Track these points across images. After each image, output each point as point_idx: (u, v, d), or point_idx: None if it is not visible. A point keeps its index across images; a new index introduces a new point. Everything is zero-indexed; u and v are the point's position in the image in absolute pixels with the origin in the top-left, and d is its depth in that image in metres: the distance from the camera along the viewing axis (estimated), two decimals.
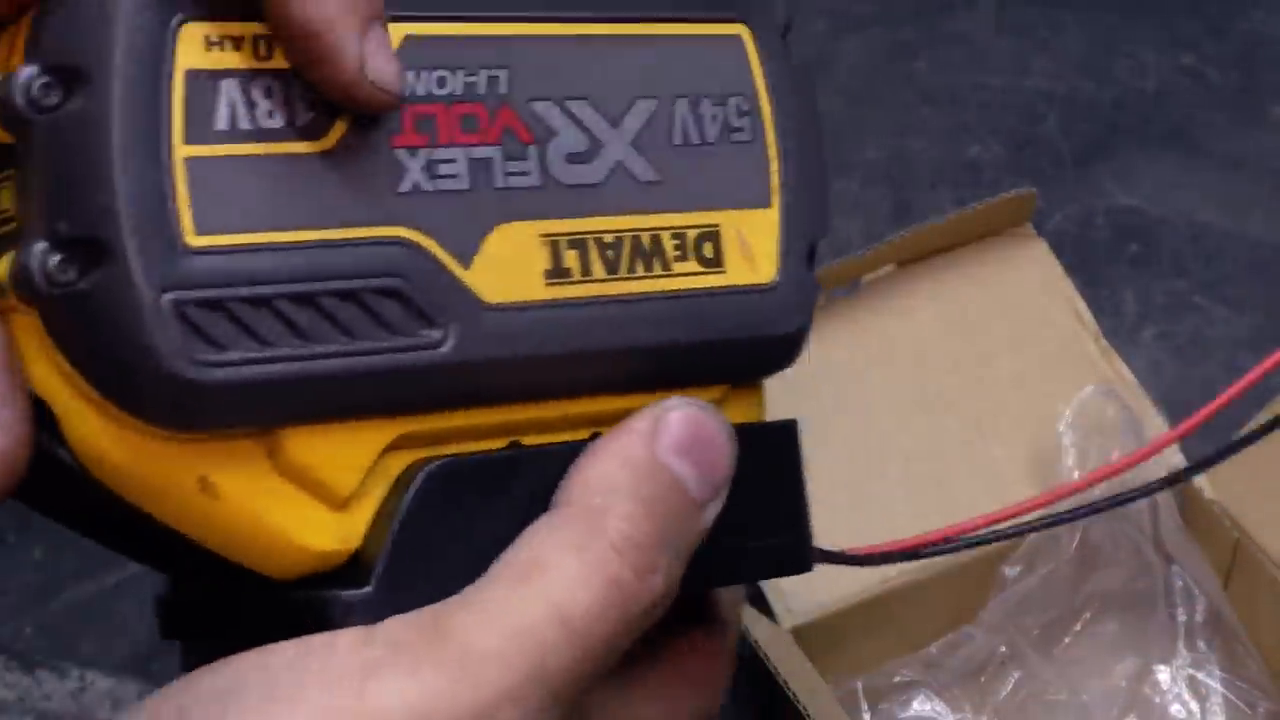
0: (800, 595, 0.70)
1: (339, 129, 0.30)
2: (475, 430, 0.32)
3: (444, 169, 0.31)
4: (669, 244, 0.33)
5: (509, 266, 0.31)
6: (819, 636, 0.70)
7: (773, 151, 0.34)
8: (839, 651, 0.71)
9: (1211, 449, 0.74)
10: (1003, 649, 0.73)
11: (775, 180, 0.34)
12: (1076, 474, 0.72)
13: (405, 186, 0.30)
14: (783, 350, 0.34)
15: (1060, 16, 1.21)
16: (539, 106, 0.32)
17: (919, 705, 0.73)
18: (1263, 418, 0.72)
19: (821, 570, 0.36)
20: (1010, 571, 0.73)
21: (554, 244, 0.32)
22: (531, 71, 0.32)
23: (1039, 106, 1.16)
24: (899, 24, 1.22)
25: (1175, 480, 0.39)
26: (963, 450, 0.74)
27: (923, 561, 0.71)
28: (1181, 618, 0.73)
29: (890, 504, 0.72)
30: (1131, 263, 1.05)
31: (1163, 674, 0.73)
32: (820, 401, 0.73)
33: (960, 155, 1.13)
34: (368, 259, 0.30)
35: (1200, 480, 0.73)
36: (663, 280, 0.33)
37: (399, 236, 0.30)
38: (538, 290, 0.31)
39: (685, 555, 0.31)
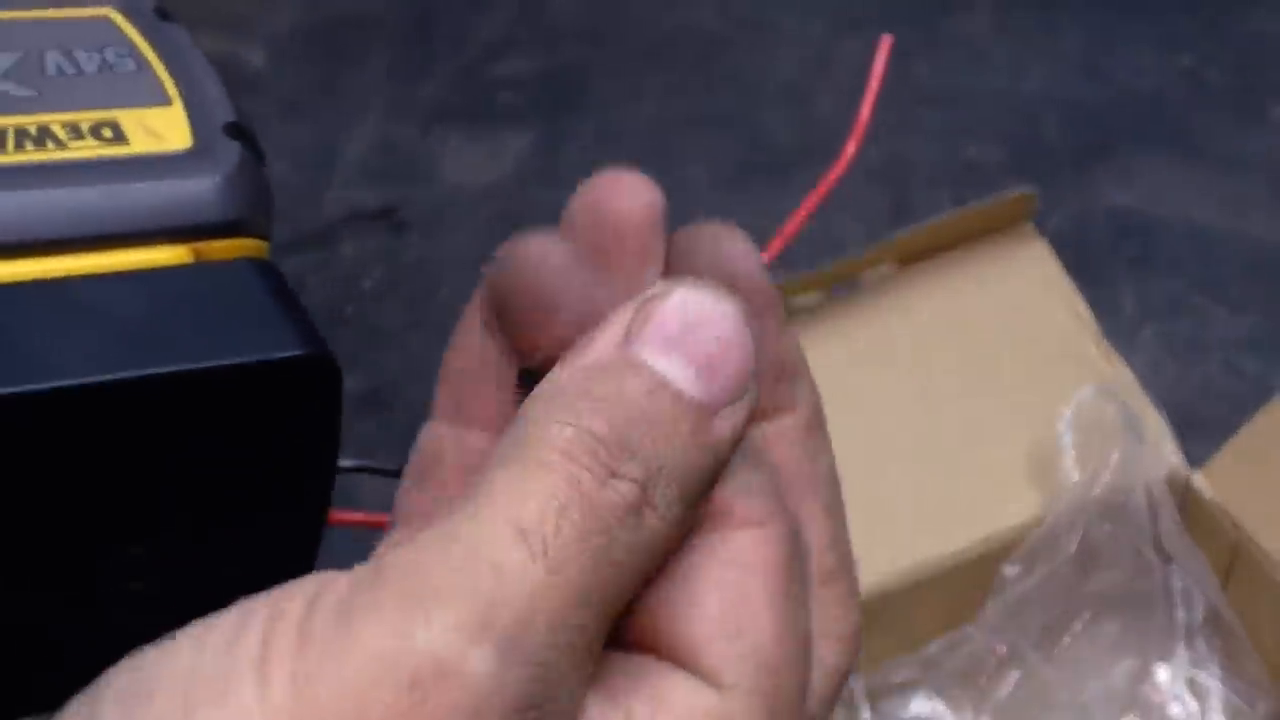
0: None
1: None
2: None
3: None
4: (60, 131, 0.35)
5: None
6: None
7: (164, 75, 0.37)
8: None
9: (1211, 449, 0.74)
10: (1003, 649, 0.73)
11: (173, 90, 0.36)
12: (1076, 475, 0.72)
13: None
14: (221, 196, 0.35)
15: (1058, 17, 1.21)
16: None
17: (919, 705, 0.73)
18: (1263, 418, 0.73)
19: None
20: (1010, 571, 0.73)
21: None
22: None
23: (1038, 107, 1.16)
24: (899, 24, 1.22)
25: None
26: (963, 450, 0.74)
27: (922, 561, 0.71)
28: (1181, 618, 0.73)
29: (890, 504, 0.72)
30: (1130, 263, 1.05)
31: (1162, 674, 0.73)
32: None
33: (960, 155, 1.13)
34: None
35: (1200, 480, 0.73)
36: (57, 153, 0.34)
37: None
38: None
39: (691, 475, 0.25)
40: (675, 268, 0.29)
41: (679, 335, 0.25)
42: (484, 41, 1.24)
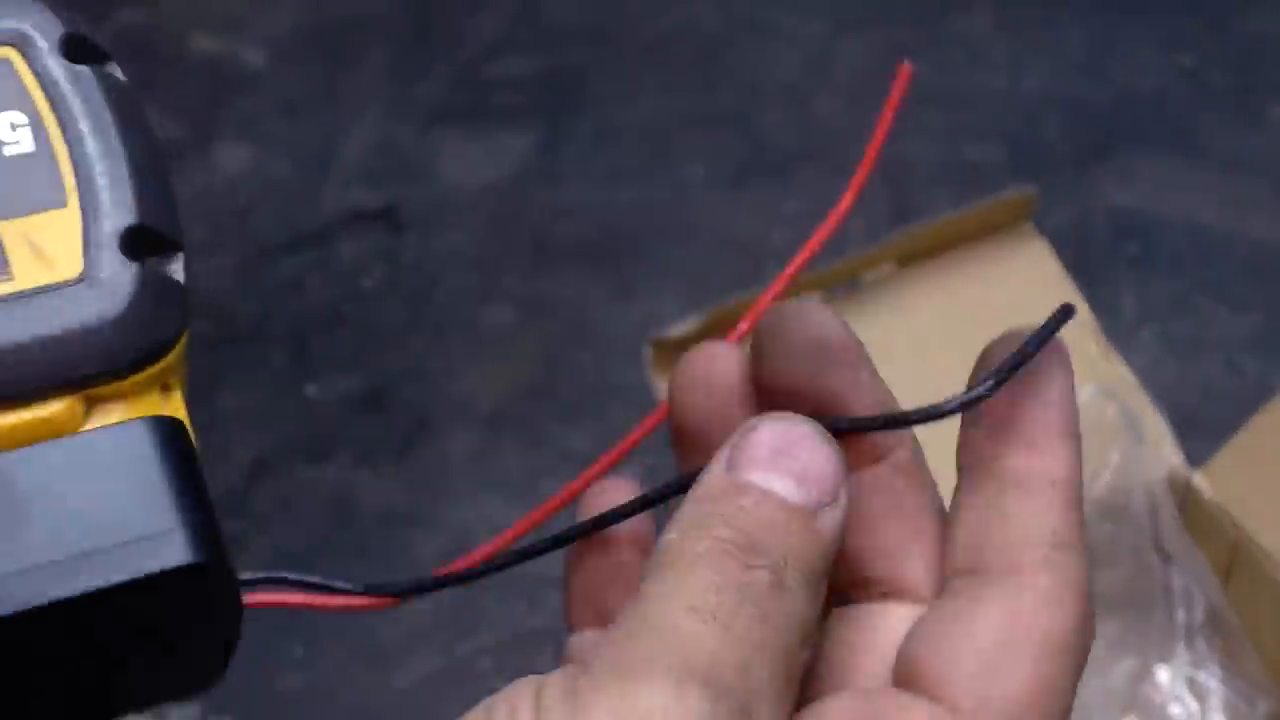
0: None
1: None
2: None
3: None
4: None
5: None
6: None
7: (62, 156, 0.33)
8: None
9: (1211, 449, 0.74)
10: None
11: (69, 182, 0.33)
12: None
13: None
14: (116, 338, 0.32)
15: (1059, 17, 1.21)
16: None
17: None
18: (1263, 418, 0.73)
19: None
20: None
21: None
22: None
23: (1038, 107, 1.16)
24: (899, 24, 1.22)
25: None
26: None
27: None
28: (1181, 618, 0.73)
29: None
30: (1131, 263, 1.05)
31: (1162, 674, 0.73)
32: None
33: (960, 155, 1.13)
34: None
35: (1200, 480, 0.73)
36: None
37: None
38: None
39: (809, 562, 0.30)
40: (769, 348, 0.34)
41: (771, 457, 0.30)
42: (483, 41, 1.24)
